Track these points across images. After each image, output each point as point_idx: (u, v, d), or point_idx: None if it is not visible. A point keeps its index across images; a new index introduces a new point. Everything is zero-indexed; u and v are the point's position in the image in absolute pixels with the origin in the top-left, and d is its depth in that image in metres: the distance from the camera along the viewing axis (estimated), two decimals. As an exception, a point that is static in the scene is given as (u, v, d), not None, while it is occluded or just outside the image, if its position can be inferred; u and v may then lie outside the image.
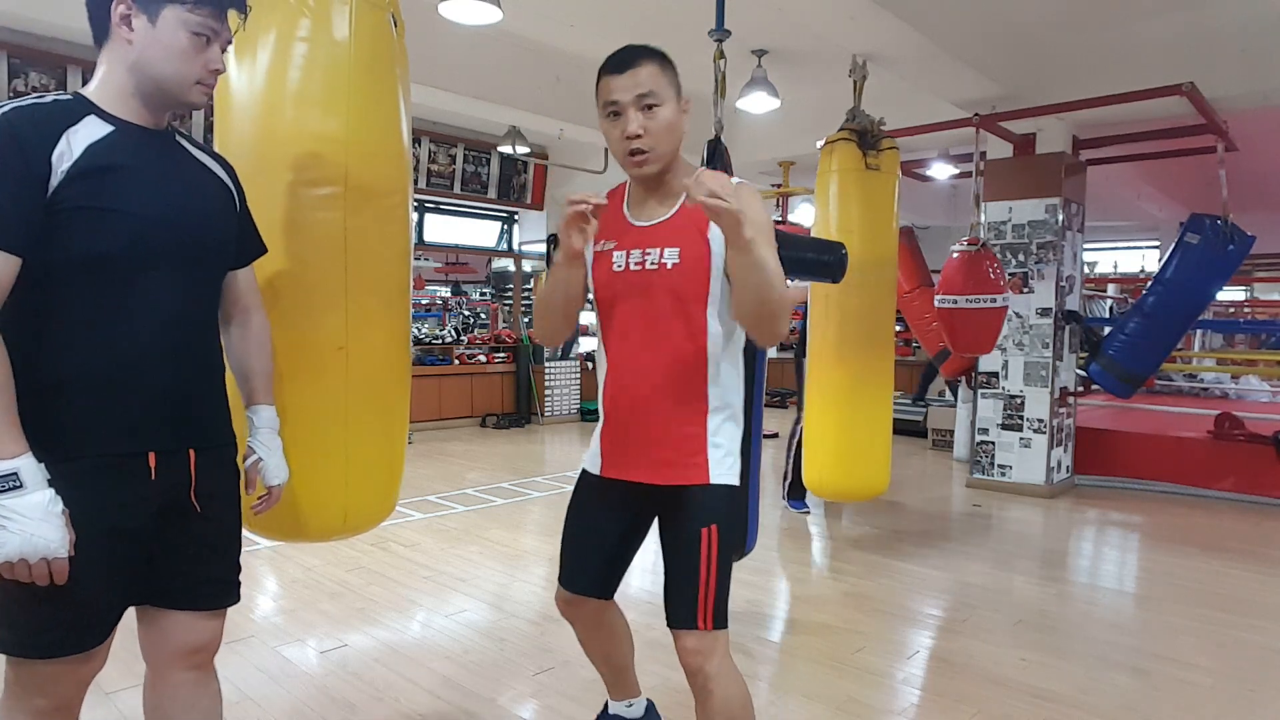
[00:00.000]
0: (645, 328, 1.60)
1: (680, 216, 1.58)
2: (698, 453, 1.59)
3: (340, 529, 1.87)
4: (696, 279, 1.56)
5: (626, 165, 1.58)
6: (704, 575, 1.56)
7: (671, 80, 1.56)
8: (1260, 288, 12.53)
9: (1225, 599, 3.51)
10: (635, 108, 1.52)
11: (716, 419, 1.61)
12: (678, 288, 1.57)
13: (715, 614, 1.57)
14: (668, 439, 1.60)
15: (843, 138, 3.73)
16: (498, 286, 12.98)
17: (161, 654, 1.45)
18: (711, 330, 1.58)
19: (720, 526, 1.59)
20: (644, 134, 1.52)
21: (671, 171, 1.60)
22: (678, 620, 1.59)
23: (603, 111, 1.57)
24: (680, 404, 1.59)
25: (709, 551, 1.57)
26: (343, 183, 1.75)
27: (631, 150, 1.54)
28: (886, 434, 3.95)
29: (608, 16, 5.19)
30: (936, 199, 10.09)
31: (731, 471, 1.63)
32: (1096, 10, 4.85)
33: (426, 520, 4.59)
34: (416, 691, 2.50)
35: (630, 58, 1.53)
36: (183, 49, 1.31)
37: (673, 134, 1.55)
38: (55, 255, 1.24)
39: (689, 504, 1.60)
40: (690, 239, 1.56)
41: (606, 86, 1.55)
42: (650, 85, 1.52)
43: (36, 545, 1.17)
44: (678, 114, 1.56)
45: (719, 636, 1.58)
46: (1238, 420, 5.73)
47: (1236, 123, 5.23)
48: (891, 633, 3.06)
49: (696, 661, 1.57)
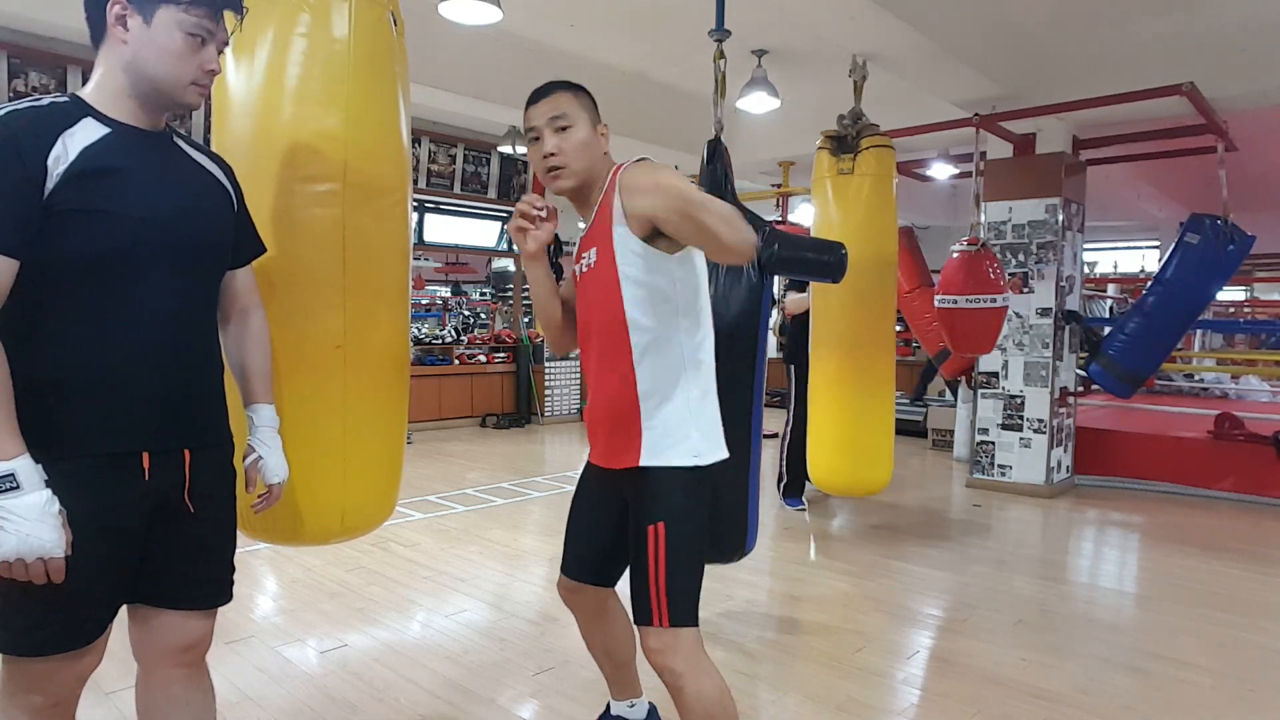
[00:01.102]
0: (587, 322, 1.75)
1: (598, 219, 1.69)
2: (635, 437, 1.65)
3: (338, 531, 1.87)
4: (609, 273, 1.65)
5: (546, 182, 1.71)
6: (653, 573, 1.60)
7: (585, 105, 1.70)
8: (1260, 288, 12.52)
9: (1225, 599, 3.51)
10: (550, 130, 1.66)
11: (649, 403, 1.65)
12: (597, 284, 1.68)
13: (672, 611, 1.59)
14: (614, 425, 1.70)
15: (819, 146, 3.96)
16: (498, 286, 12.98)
17: (153, 652, 1.45)
18: (630, 318, 1.64)
19: (669, 522, 1.60)
20: (558, 153, 1.66)
21: (593, 185, 1.71)
22: (637, 618, 1.64)
23: (526, 139, 1.72)
24: (615, 391, 1.68)
25: (655, 549, 1.60)
26: (341, 180, 1.74)
27: (549, 168, 1.67)
28: (889, 429, 3.98)
29: (608, 16, 5.19)
30: (936, 199, 10.10)
31: (675, 451, 1.64)
32: (1097, 10, 4.85)
33: (426, 520, 4.59)
34: (416, 691, 2.49)
35: (547, 89, 1.70)
36: (177, 49, 1.31)
37: (585, 152, 1.68)
38: (52, 257, 1.24)
39: (639, 496, 1.65)
40: (602, 237, 1.66)
41: (528, 116, 1.70)
42: (562, 109, 1.67)
43: (33, 545, 1.18)
44: (592, 136, 1.69)
45: (680, 634, 1.59)
46: (1238, 420, 5.72)
47: (1236, 123, 5.23)
48: (891, 633, 3.06)
49: (659, 660, 1.60)
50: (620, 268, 1.63)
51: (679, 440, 1.65)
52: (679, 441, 1.65)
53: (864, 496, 4.91)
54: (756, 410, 2.62)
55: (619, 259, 1.63)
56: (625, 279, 1.63)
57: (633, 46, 5.75)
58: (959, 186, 8.87)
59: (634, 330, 1.65)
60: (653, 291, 1.63)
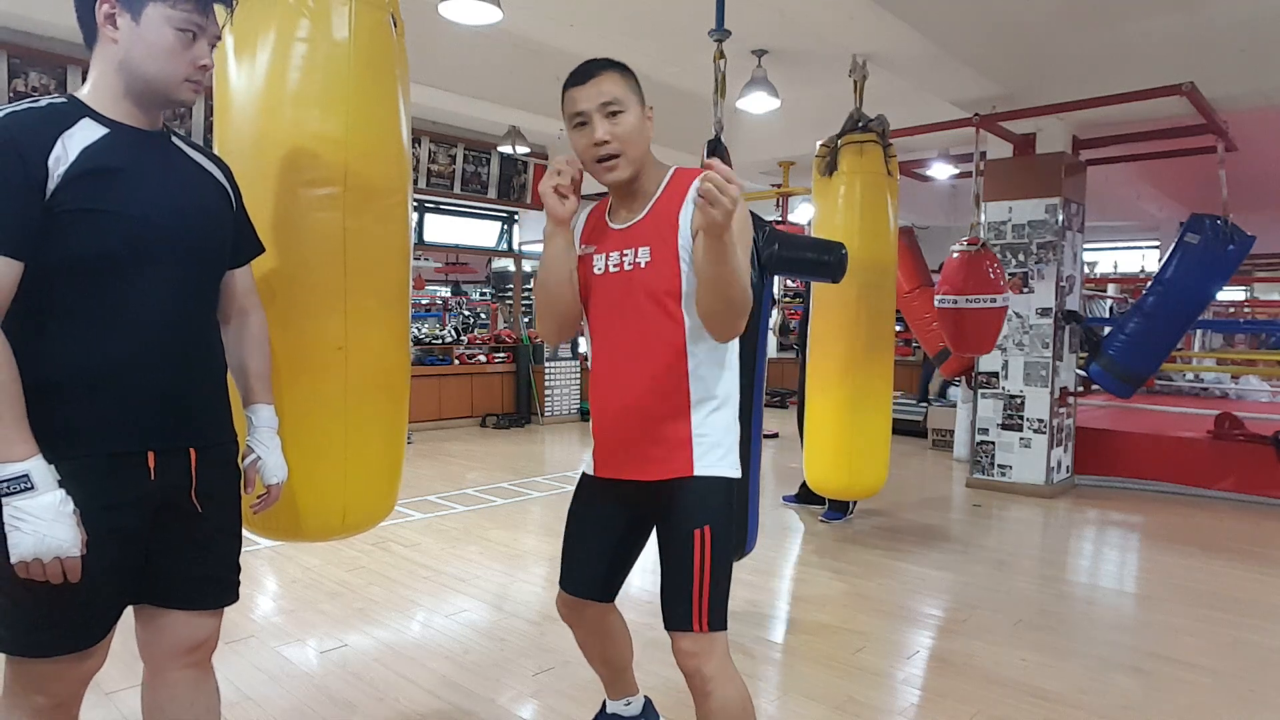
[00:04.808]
0: (625, 327, 1.63)
1: (651, 216, 1.61)
2: (683, 445, 1.60)
3: (339, 529, 1.87)
4: (668, 275, 1.58)
5: (597, 173, 1.60)
6: (698, 577, 1.57)
7: (633, 88, 1.60)
8: (1260, 288, 12.53)
9: (1225, 599, 3.51)
10: (600, 115, 1.55)
11: (701, 411, 1.61)
12: (651, 285, 1.59)
13: (711, 616, 1.57)
14: (652, 434, 1.62)
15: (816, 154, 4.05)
16: (498, 286, 13.00)
17: (159, 652, 1.45)
18: (688, 324, 1.59)
19: (714, 526, 1.58)
20: (611, 140, 1.56)
21: (642, 176, 1.62)
22: (674, 622, 1.59)
23: (570, 124, 1.60)
24: (662, 398, 1.61)
25: (702, 553, 1.57)
26: (342, 183, 1.75)
27: (600, 157, 1.57)
28: (885, 432, 3.99)
29: (607, 16, 5.19)
30: (936, 199, 10.10)
31: (723, 463, 1.63)
32: (1096, 10, 4.85)
33: (426, 520, 4.59)
34: (416, 691, 2.50)
35: (592, 69, 1.57)
36: (168, 46, 1.30)
37: (639, 139, 1.58)
38: (53, 257, 1.25)
39: (681, 502, 1.60)
40: (661, 237, 1.58)
41: (572, 99, 1.58)
42: (614, 93, 1.55)
43: (49, 545, 1.18)
44: (642, 120, 1.59)
45: (716, 638, 1.58)
46: (1238, 420, 5.73)
47: (1236, 123, 5.23)
48: (891, 633, 3.06)
49: (693, 664, 1.57)
50: (685, 274, 1.56)
51: (728, 451, 1.64)
52: (729, 452, 1.64)
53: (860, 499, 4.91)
54: (757, 411, 2.63)
55: (684, 264, 1.56)
56: (688, 283, 1.56)
57: (633, 46, 5.75)
58: (959, 186, 8.87)
59: (693, 336, 1.59)
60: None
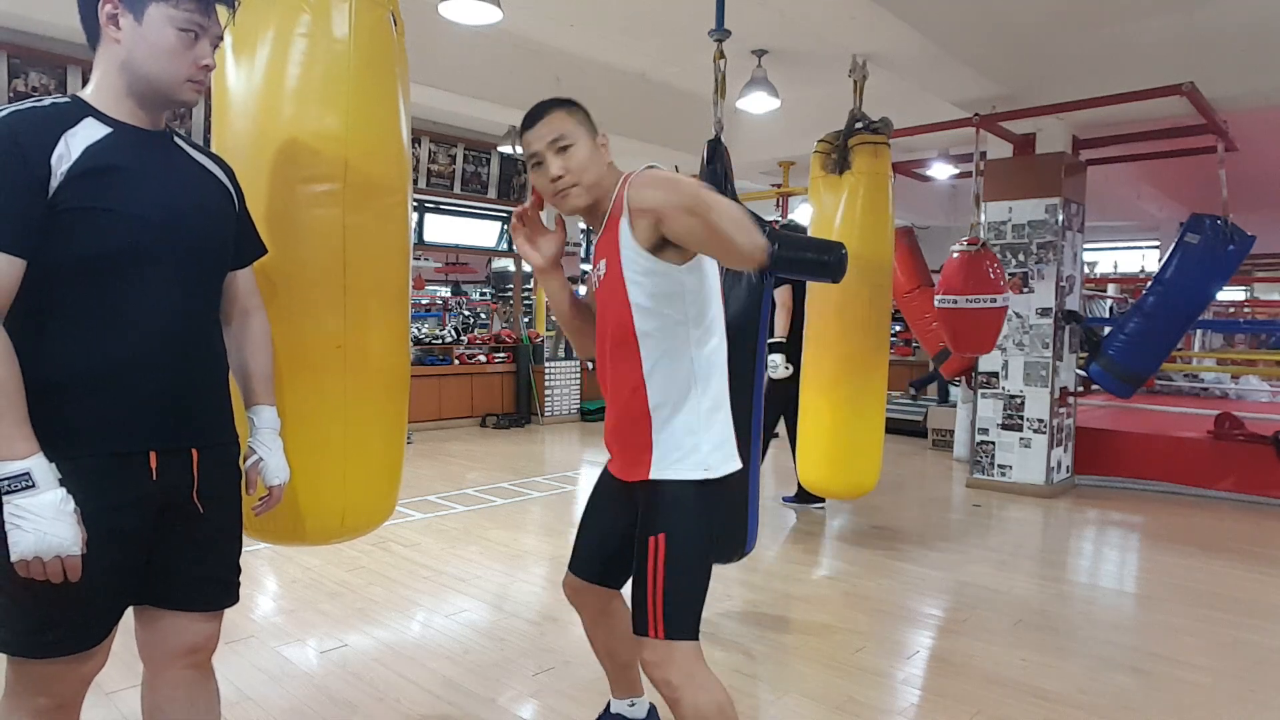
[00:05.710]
0: (603, 334, 1.72)
1: (606, 230, 1.67)
2: (644, 450, 1.65)
3: (339, 530, 1.87)
4: (617, 286, 1.63)
5: (558, 204, 1.68)
6: (650, 584, 1.59)
7: (581, 120, 1.68)
8: (1260, 288, 12.54)
9: (1225, 599, 3.51)
10: (551, 152, 1.64)
11: (660, 415, 1.64)
12: (610, 294, 1.66)
13: (668, 623, 1.57)
14: (624, 438, 1.71)
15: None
16: (498, 286, 12.99)
17: (159, 654, 1.45)
18: (640, 331, 1.62)
19: (671, 533, 1.59)
20: (565, 174, 1.64)
21: (603, 197, 1.68)
22: (636, 627, 1.62)
23: (530, 165, 1.69)
24: (626, 404, 1.67)
25: (655, 561, 1.59)
26: (342, 179, 1.75)
27: (557, 190, 1.65)
28: (878, 433, 3.99)
29: (607, 16, 5.19)
30: (936, 199, 10.10)
31: (682, 465, 1.63)
32: (1096, 10, 4.85)
33: (426, 520, 4.59)
34: (416, 691, 2.49)
35: (539, 111, 1.67)
36: (170, 46, 1.30)
37: (592, 166, 1.66)
38: (56, 256, 1.25)
39: (645, 507, 1.65)
40: (612, 248, 1.64)
41: (526, 142, 1.68)
42: (560, 129, 1.64)
43: (50, 543, 1.18)
44: (594, 149, 1.67)
45: (676, 646, 1.58)
46: (1238, 420, 5.72)
47: (1236, 123, 5.23)
48: (891, 633, 3.06)
49: (655, 672, 1.59)
50: (628, 278, 1.60)
51: (688, 453, 1.63)
52: (688, 454, 1.63)
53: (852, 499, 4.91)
54: (757, 411, 2.63)
55: (626, 269, 1.60)
56: (634, 290, 1.60)
57: (632, 46, 5.75)
58: (959, 186, 8.87)
59: (644, 342, 1.62)
60: (661, 303, 1.60)
